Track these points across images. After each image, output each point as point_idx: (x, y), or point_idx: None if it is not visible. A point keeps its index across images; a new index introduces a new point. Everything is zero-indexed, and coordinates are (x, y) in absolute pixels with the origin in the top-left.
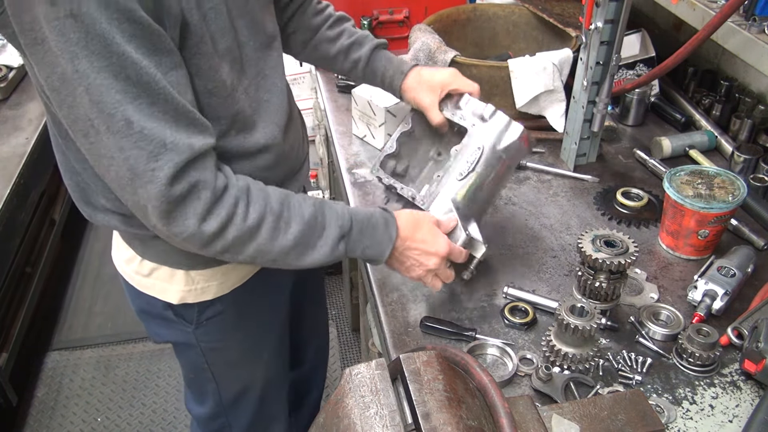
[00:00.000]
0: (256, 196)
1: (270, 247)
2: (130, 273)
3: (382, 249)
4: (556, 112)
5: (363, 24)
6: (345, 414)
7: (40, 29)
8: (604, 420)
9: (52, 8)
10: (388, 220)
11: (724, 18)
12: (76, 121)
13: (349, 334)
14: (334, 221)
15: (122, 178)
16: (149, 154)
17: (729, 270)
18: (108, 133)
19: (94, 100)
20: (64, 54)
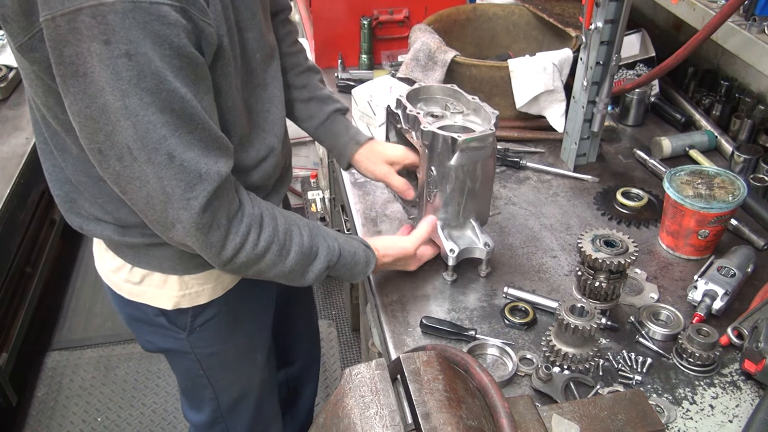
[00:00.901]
0: (266, 225)
1: (269, 271)
2: (117, 282)
3: (355, 279)
4: (556, 112)
5: (363, 24)
6: (345, 414)
7: (84, 63)
8: (604, 420)
9: (107, 47)
10: (369, 260)
11: (724, 18)
12: (112, 146)
13: (349, 334)
14: (324, 255)
15: (153, 199)
16: (187, 185)
17: (729, 270)
18: (148, 163)
19: (140, 135)
20: (115, 91)
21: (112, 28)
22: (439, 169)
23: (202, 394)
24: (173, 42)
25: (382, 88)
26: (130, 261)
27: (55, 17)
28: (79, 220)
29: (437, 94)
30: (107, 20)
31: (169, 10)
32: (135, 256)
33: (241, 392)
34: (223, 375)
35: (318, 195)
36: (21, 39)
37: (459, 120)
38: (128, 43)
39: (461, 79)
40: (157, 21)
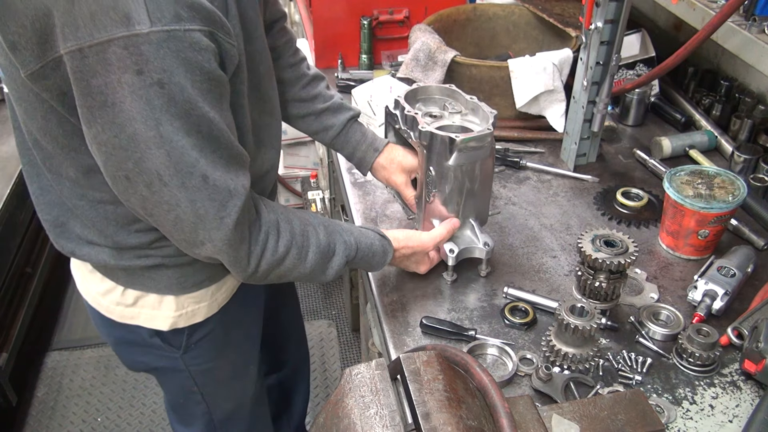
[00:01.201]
0: (283, 229)
1: (290, 274)
2: (107, 305)
3: (374, 269)
4: (556, 112)
5: (363, 24)
6: (345, 414)
7: (113, 94)
8: (604, 420)
9: (139, 77)
10: (386, 249)
11: (724, 18)
12: (140, 173)
13: (349, 334)
14: (342, 250)
15: (183, 222)
16: (220, 204)
17: (729, 270)
18: (181, 188)
19: (173, 161)
20: (148, 121)
21: (145, 59)
22: (437, 170)
23: (195, 410)
24: (204, 67)
25: (382, 88)
26: (123, 283)
27: (82, 48)
28: (71, 244)
29: (435, 94)
30: (140, 51)
31: (200, 36)
32: (128, 278)
33: (234, 405)
34: (217, 390)
35: (318, 195)
36: (32, 67)
37: (457, 120)
38: (162, 73)
39: (461, 79)
40: (189, 48)
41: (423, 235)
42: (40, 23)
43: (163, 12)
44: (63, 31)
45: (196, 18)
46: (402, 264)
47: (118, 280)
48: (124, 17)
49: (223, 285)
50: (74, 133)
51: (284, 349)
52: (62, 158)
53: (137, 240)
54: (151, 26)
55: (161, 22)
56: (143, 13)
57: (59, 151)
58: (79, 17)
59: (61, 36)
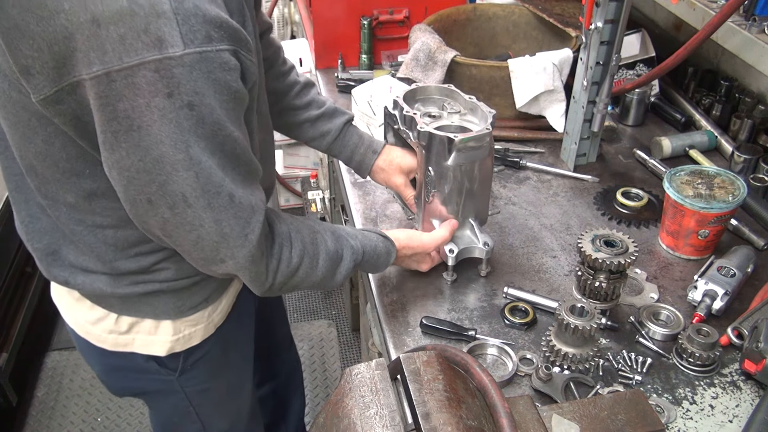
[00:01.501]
0: (294, 240)
1: (302, 284)
2: (99, 333)
3: (378, 271)
4: (556, 112)
5: (363, 24)
6: (345, 414)
7: (140, 117)
8: (604, 420)
9: (169, 100)
10: (390, 250)
11: (724, 18)
12: (163, 195)
13: (349, 334)
14: (349, 255)
15: (204, 241)
16: (245, 221)
17: (729, 270)
18: (207, 208)
19: (201, 182)
20: (177, 143)
21: (176, 82)
22: (436, 170)
23: (189, 429)
24: (231, 86)
25: (382, 88)
26: (117, 310)
27: (110, 72)
28: (65, 273)
29: (434, 94)
30: (173, 74)
31: (228, 55)
32: (123, 305)
33: (230, 423)
34: (213, 410)
35: (318, 195)
36: (46, 91)
37: (456, 120)
38: (193, 95)
39: (461, 79)
40: (219, 68)
41: (424, 236)
42: (59, 47)
43: (195, 34)
44: (88, 55)
45: (224, 38)
46: (404, 264)
47: (111, 307)
48: (157, 40)
49: (219, 305)
50: (79, 157)
51: (276, 358)
52: (62, 183)
53: (137, 264)
54: (185, 48)
55: (194, 43)
56: (177, 36)
57: (59, 176)
58: (107, 41)
59: (85, 60)
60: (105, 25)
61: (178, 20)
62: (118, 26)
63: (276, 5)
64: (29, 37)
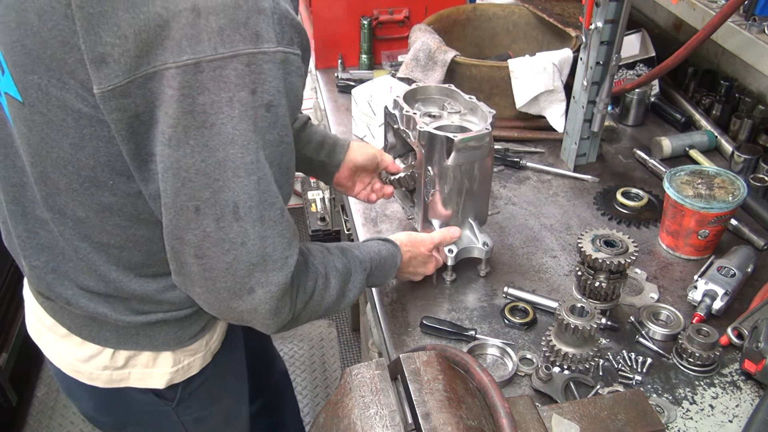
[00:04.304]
0: (308, 261)
1: (316, 310)
2: (91, 371)
3: (387, 277)
4: (556, 112)
5: (363, 24)
6: (345, 414)
7: (217, 113)
8: (604, 420)
9: (252, 97)
10: (394, 253)
11: (724, 18)
12: (214, 204)
13: (349, 334)
14: (358, 266)
15: (240, 263)
16: (288, 242)
17: (729, 270)
18: (257, 222)
19: (261, 190)
20: (249, 143)
21: (263, 78)
22: (436, 170)
23: None
24: (298, 93)
25: (382, 88)
26: (113, 344)
27: (200, 62)
28: (68, 292)
29: (434, 94)
30: (262, 69)
31: (300, 62)
32: (120, 338)
33: None
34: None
35: (318, 195)
36: (117, 82)
37: (456, 120)
38: (274, 94)
39: (461, 79)
40: (295, 72)
41: (423, 234)
42: (148, 34)
43: (284, 34)
44: (180, 43)
45: (299, 45)
46: (409, 268)
47: (106, 342)
48: (255, 35)
49: (215, 332)
50: (106, 165)
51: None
52: (76, 194)
53: (141, 288)
54: (277, 46)
55: (282, 43)
56: (272, 32)
57: (76, 187)
58: (204, 31)
59: (176, 49)
60: (205, 14)
61: (275, 19)
62: (219, 17)
63: None
64: (114, 23)
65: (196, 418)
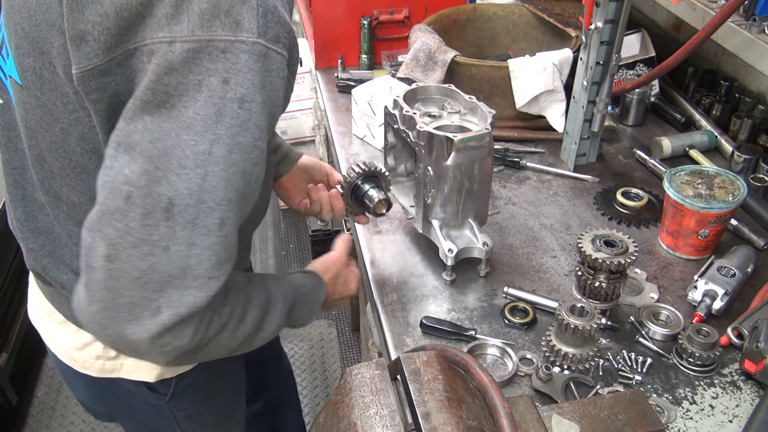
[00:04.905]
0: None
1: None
2: (84, 360)
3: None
4: (556, 112)
5: (363, 24)
6: (345, 414)
7: (180, 96)
8: (604, 420)
9: (223, 86)
10: (318, 284)
11: (724, 18)
12: (146, 196)
13: (349, 334)
14: (280, 298)
15: (156, 273)
16: (218, 261)
17: (729, 270)
18: (188, 225)
19: (205, 189)
20: (205, 132)
21: (238, 68)
22: (436, 170)
23: None
24: (279, 98)
25: (382, 88)
26: None
27: (174, 42)
28: (63, 277)
29: (434, 94)
30: (238, 59)
31: (285, 63)
32: None
33: None
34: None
35: None
36: (96, 61)
37: (456, 120)
38: (249, 88)
39: (461, 79)
40: (275, 72)
41: (332, 253)
42: (129, 12)
43: (268, 29)
44: (159, 21)
45: (286, 46)
46: (335, 296)
47: None
48: (235, 23)
49: None
50: (93, 153)
51: (267, 372)
52: (69, 179)
53: None
54: (257, 37)
55: (265, 37)
56: (254, 23)
57: (69, 172)
58: (185, 12)
59: (154, 26)
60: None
61: (259, 11)
62: (203, 1)
63: None
64: (98, 2)
65: (188, 415)
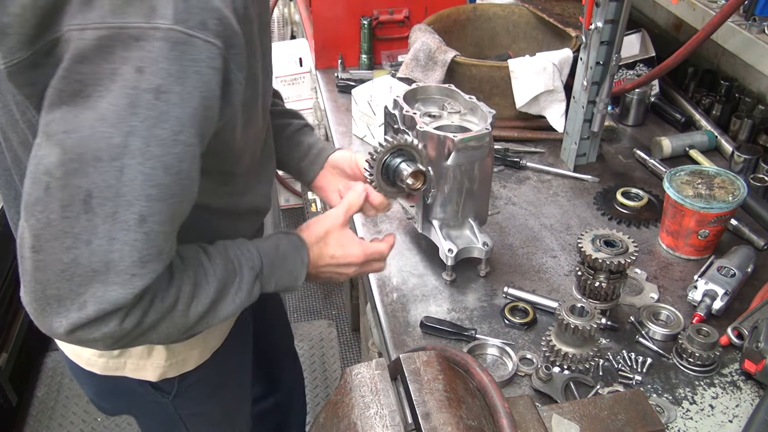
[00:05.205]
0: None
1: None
2: (88, 357)
3: (296, 276)
4: (556, 112)
5: (363, 24)
6: (345, 414)
7: (95, 85)
8: (604, 420)
9: (137, 76)
10: (298, 245)
11: (724, 18)
12: (63, 188)
13: (349, 334)
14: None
15: (80, 267)
16: (140, 259)
17: (729, 270)
18: (108, 219)
19: (123, 182)
20: (120, 124)
21: (153, 57)
22: (436, 170)
23: None
24: (212, 90)
25: (382, 88)
26: None
27: (86, 29)
28: None
29: (434, 94)
30: (152, 47)
31: (218, 54)
32: None
33: None
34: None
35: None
36: (21, 54)
37: (456, 120)
38: (165, 78)
39: (461, 79)
40: (204, 62)
41: (329, 211)
42: (47, 2)
43: (189, 14)
44: (73, 9)
45: (219, 34)
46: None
47: None
48: (150, 8)
49: (216, 329)
50: None
51: (281, 370)
52: None
53: None
54: (174, 24)
55: (185, 24)
56: (170, 9)
57: None
58: None
59: (71, 13)
60: None
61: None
62: None
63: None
64: None
65: (193, 413)
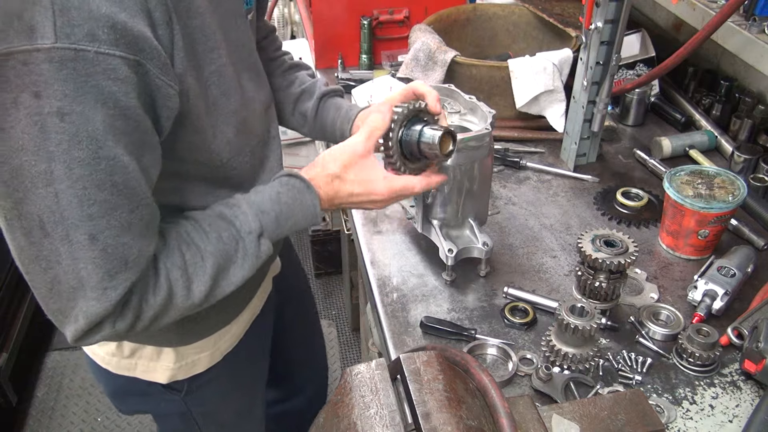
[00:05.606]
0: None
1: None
2: (103, 355)
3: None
4: (556, 112)
5: (363, 24)
6: (345, 414)
7: (4, 116)
8: (604, 420)
9: (37, 101)
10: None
11: (724, 18)
12: (18, 217)
13: (349, 334)
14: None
15: (62, 285)
16: (106, 273)
17: (729, 270)
18: (64, 240)
19: (62, 207)
20: (39, 152)
21: (44, 80)
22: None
23: None
24: (120, 101)
25: (382, 88)
26: None
27: None
28: None
29: None
30: (40, 69)
31: (120, 63)
32: None
33: None
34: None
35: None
36: None
37: (456, 120)
38: (62, 99)
39: (461, 79)
40: (102, 74)
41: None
42: None
43: (73, 28)
44: None
45: (116, 42)
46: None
47: None
48: (29, 28)
49: (227, 333)
50: None
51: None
52: None
53: None
54: (55, 42)
55: (69, 39)
56: (49, 26)
57: None
58: None
59: None
60: None
61: (55, 10)
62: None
63: (276, 5)
64: None
65: (205, 412)
